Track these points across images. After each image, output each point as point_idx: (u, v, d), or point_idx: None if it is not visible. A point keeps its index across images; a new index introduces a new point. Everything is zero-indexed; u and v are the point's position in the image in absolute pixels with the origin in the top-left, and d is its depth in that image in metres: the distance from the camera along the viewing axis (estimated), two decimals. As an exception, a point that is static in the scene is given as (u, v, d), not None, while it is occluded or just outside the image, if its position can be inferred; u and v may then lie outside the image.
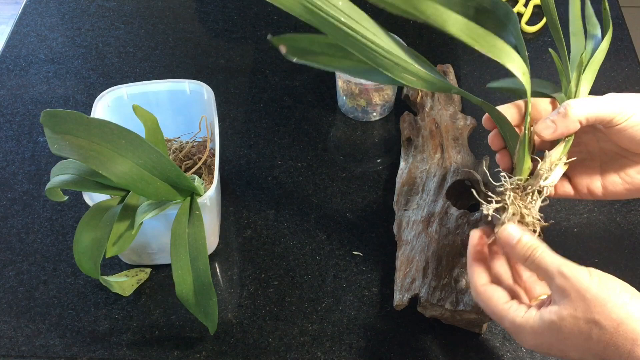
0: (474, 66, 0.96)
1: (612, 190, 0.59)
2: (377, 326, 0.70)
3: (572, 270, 0.49)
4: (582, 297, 0.48)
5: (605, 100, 0.53)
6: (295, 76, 0.96)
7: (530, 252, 0.52)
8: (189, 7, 1.08)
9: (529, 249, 0.52)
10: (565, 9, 0.65)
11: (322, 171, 0.84)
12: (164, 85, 0.78)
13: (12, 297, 0.73)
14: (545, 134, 0.54)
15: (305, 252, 0.76)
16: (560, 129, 0.53)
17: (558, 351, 0.51)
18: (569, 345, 0.49)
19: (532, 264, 0.52)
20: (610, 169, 0.59)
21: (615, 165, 0.59)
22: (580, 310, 0.48)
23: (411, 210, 0.75)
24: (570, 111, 0.53)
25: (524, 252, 0.52)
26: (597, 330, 0.47)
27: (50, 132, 0.62)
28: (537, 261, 0.51)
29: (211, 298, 0.64)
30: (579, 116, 0.53)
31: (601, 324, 0.47)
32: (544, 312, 0.50)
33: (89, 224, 0.64)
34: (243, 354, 0.68)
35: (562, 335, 0.49)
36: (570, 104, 0.53)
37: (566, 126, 0.53)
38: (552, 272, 0.50)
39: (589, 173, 0.60)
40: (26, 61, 0.99)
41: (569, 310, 0.48)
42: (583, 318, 0.48)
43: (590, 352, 0.49)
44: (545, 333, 0.50)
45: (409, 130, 0.83)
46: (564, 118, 0.53)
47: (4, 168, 0.85)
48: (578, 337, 0.48)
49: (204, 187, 0.76)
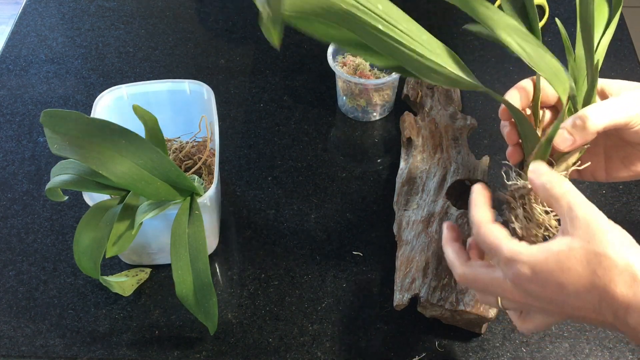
0: (475, 66, 0.96)
1: (615, 175, 0.60)
2: (377, 326, 0.70)
3: (596, 212, 0.49)
4: (601, 231, 0.48)
5: (621, 105, 0.53)
6: (295, 76, 0.96)
7: (557, 180, 0.51)
8: (189, 7, 1.08)
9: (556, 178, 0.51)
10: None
11: (322, 171, 0.84)
12: (164, 85, 0.78)
13: (12, 297, 0.73)
14: (564, 147, 0.53)
15: (305, 252, 0.76)
16: (579, 142, 0.53)
17: (555, 285, 0.49)
18: (570, 277, 0.48)
19: (558, 192, 0.51)
20: (615, 155, 0.59)
21: (621, 153, 0.59)
22: (594, 243, 0.48)
23: (411, 210, 0.75)
24: (588, 123, 0.52)
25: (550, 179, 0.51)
26: (607, 263, 0.47)
27: (50, 132, 0.62)
28: (563, 190, 0.51)
29: (211, 298, 0.64)
30: (597, 127, 0.52)
31: (612, 259, 0.47)
32: (552, 243, 0.49)
33: (89, 224, 0.64)
34: (243, 354, 0.68)
35: (567, 265, 0.48)
36: (588, 116, 0.52)
37: (584, 138, 0.53)
38: (573, 204, 0.50)
39: (593, 159, 0.60)
40: (26, 61, 0.99)
41: (582, 242, 0.48)
42: (594, 251, 0.48)
43: (590, 287, 0.48)
44: (549, 262, 0.49)
45: (409, 130, 0.83)
46: (582, 131, 0.52)
47: (4, 168, 0.85)
48: (585, 268, 0.48)
49: (204, 187, 0.76)
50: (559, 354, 0.68)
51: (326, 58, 0.86)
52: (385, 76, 0.88)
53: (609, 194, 0.81)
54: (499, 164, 0.83)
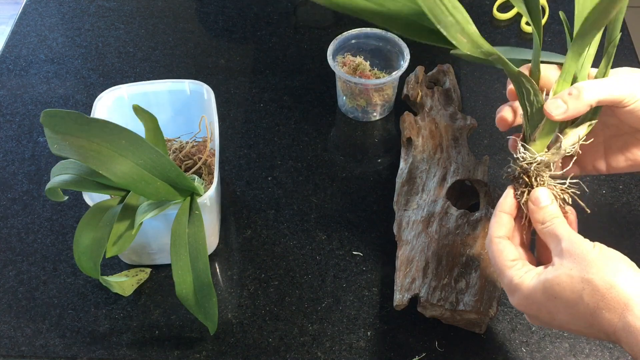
0: (474, 66, 0.96)
1: (615, 165, 0.61)
2: (377, 326, 0.70)
3: (578, 238, 0.52)
4: (581, 258, 0.50)
5: (616, 82, 0.54)
6: (295, 76, 0.96)
7: (549, 219, 0.54)
8: (189, 7, 1.08)
9: (550, 215, 0.54)
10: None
11: (322, 171, 0.84)
12: (164, 85, 0.78)
13: (12, 297, 0.73)
14: (556, 113, 0.54)
15: (305, 252, 0.76)
16: (571, 111, 0.54)
17: (546, 313, 0.52)
18: (558, 305, 0.50)
19: (547, 229, 0.54)
20: (614, 145, 0.60)
21: (619, 142, 0.59)
22: (577, 270, 0.49)
23: (411, 210, 0.75)
24: (583, 94, 0.53)
25: (544, 216, 0.54)
26: (589, 289, 0.49)
27: (50, 132, 0.62)
28: (552, 227, 0.53)
29: (211, 298, 0.64)
30: (590, 100, 0.53)
31: (594, 283, 0.48)
32: (541, 273, 0.52)
33: (89, 224, 0.64)
34: (243, 354, 0.68)
35: (554, 293, 0.50)
36: (584, 87, 0.53)
37: (577, 108, 0.53)
38: (560, 236, 0.52)
39: (593, 150, 0.60)
40: (26, 61, 0.99)
41: (566, 270, 0.50)
42: (578, 277, 0.49)
43: (579, 314, 0.50)
44: (538, 292, 0.51)
45: (409, 130, 0.83)
46: (576, 100, 0.53)
47: (4, 168, 0.85)
48: (570, 296, 0.49)
49: (204, 187, 0.76)
50: (559, 354, 0.68)
51: (326, 58, 0.86)
52: (386, 76, 0.88)
53: (609, 194, 0.81)
54: (499, 164, 0.83)
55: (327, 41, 0.88)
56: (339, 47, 0.89)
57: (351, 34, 0.90)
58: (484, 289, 0.67)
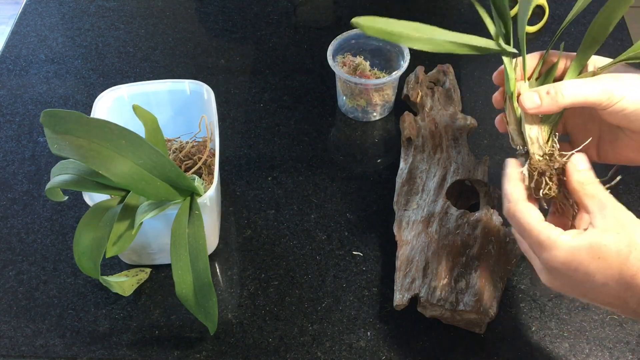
0: (474, 66, 0.96)
1: (604, 157, 0.62)
2: (377, 326, 0.70)
3: (622, 206, 0.52)
4: (630, 223, 0.50)
5: (595, 85, 0.54)
6: (295, 76, 0.96)
7: (590, 182, 0.54)
8: (189, 7, 1.08)
9: (590, 178, 0.54)
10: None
11: (322, 171, 0.84)
12: (164, 85, 0.78)
13: (12, 297, 0.73)
14: (529, 107, 0.55)
15: (305, 252, 0.76)
16: (544, 109, 0.55)
17: (583, 274, 0.51)
18: (600, 266, 0.50)
19: (590, 190, 0.53)
20: (606, 138, 0.61)
21: (610, 135, 0.60)
22: (625, 233, 0.50)
23: (411, 210, 0.75)
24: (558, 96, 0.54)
25: (586, 178, 0.54)
26: (636, 253, 0.49)
27: (50, 132, 0.62)
28: (595, 190, 0.53)
29: (211, 298, 0.64)
30: (564, 103, 0.54)
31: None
32: (583, 234, 0.51)
33: (89, 224, 0.64)
34: (243, 354, 0.68)
35: (600, 254, 0.50)
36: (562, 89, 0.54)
37: (549, 108, 0.54)
38: (604, 200, 0.52)
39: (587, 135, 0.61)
40: (26, 61, 0.99)
41: (613, 232, 0.50)
42: (626, 240, 0.50)
43: (620, 277, 0.50)
44: (582, 251, 0.51)
45: (409, 130, 0.83)
46: (551, 100, 0.54)
47: (4, 168, 0.85)
48: (615, 257, 0.50)
49: (204, 187, 0.76)
50: (559, 354, 0.68)
51: (326, 58, 0.86)
52: (385, 76, 0.88)
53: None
54: (499, 164, 0.83)
55: (327, 41, 0.88)
56: (339, 47, 0.89)
57: (351, 34, 0.89)
58: (484, 289, 0.67)
